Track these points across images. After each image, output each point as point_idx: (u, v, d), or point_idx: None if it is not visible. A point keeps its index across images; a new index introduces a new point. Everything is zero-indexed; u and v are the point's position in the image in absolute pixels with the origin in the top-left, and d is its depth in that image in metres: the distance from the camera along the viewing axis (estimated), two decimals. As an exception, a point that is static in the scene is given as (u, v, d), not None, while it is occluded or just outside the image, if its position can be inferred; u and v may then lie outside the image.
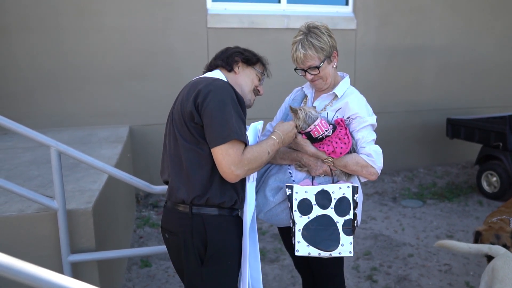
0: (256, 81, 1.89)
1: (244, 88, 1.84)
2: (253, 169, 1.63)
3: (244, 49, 1.89)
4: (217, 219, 1.66)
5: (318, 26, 1.91)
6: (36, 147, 3.90)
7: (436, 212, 4.67)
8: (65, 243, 2.22)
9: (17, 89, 4.71)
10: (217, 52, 1.92)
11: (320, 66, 1.89)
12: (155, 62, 4.98)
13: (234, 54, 1.83)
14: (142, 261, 3.56)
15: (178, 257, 1.74)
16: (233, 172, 1.55)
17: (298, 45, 1.89)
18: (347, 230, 1.77)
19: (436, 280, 3.29)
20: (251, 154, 1.60)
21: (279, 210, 1.92)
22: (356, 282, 3.28)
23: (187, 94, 1.64)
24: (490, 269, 2.27)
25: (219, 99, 1.56)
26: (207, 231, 1.64)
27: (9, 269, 0.88)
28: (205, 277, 1.65)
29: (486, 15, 6.27)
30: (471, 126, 5.16)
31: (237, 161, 1.54)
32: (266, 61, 1.96)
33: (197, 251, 1.65)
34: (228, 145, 1.54)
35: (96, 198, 2.45)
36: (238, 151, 1.55)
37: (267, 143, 1.70)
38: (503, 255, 2.29)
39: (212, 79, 1.69)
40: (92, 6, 4.76)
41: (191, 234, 1.64)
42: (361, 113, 1.88)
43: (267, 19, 5.33)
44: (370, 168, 1.84)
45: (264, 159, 1.65)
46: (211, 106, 1.55)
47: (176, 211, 1.69)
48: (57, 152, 2.15)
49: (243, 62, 1.85)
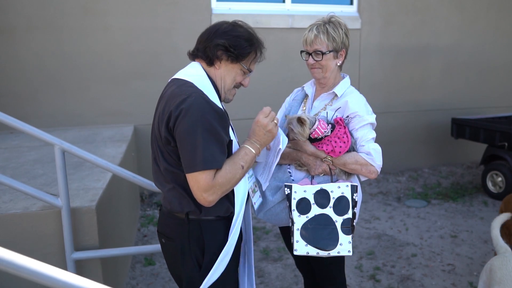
0: (240, 77, 1.68)
1: (225, 84, 1.66)
2: (228, 189, 1.55)
3: (236, 36, 1.61)
4: (214, 224, 1.63)
5: (339, 21, 1.95)
6: (41, 146, 3.94)
7: (440, 212, 4.65)
8: (69, 240, 2.25)
9: (23, 89, 4.76)
10: (206, 29, 1.66)
11: (325, 53, 1.90)
12: (159, 62, 5.00)
13: (216, 48, 1.59)
14: (146, 259, 3.58)
15: (174, 262, 1.70)
16: (206, 199, 1.49)
17: (314, 27, 1.92)
18: (346, 229, 1.77)
19: (440, 280, 3.28)
20: (223, 177, 1.50)
21: (279, 210, 1.93)
22: (359, 281, 3.28)
23: (162, 114, 1.54)
24: (488, 269, 2.26)
25: (188, 124, 1.45)
26: (204, 236, 1.60)
27: (13, 265, 0.90)
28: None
29: (492, 14, 6.23)
30: (476, 126, 5.13)
31: (207, 188, 1.47)
32: (262, 46, 1.70)
33: (195, 256, 1.61)
34: (197, 173, 1.47)
35: (100, 197, 2.47)
36: (207, 177, 1.47)
37: (238, 156, 1.58)
38: (501, 255, 2.27)
39: (186, 91, 1.52)
40: (97, 7, 4.80)
41: (188, 240, 1.61)
42: (360, 112, 1.89)
43: (271, 19, 5.34)
44: (369, 166, 1.84)
45: (238, 176, 1.55)
46: (180, 131, 1.47)
47: (172, 216, 1.64)
48: (61, 150, 2.17)
49: (227, 58, 1.62)
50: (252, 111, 5.54)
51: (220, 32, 1.60)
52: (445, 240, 3.96)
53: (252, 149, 1.61)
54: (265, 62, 5.75)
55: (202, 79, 1.61)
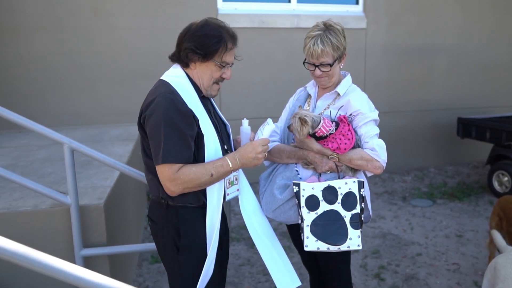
0: (217, 73, 1.74)
1: (203, 82, 1.76)
2: (190, 188, 1.64)
3: (203, 35, 1.67)
4: (190, 211, 1.74)
5: (336, 25, 1.94)
6: (50, 145, 3.98)
7: (446, 212, 4.65)
8: (77, 237, 2.28)
9: (29, 88, 4.81)
10: (181, 32, 1.74)
11: (332, 64, 1.91)
12: (165, 62, 4.98)
13: (186, 51, 1.69)
14: (153, 257, 3.61)
15: (157, 244, 1.85)
16: (169, 189, 1.63)
17: (317, 39, 1.89)
18: (354, 224, 1.79)
19: (444, 279, 3.29)
20: (186, 176, 1.61)
21: (287, 208, 1.95)
22: (363, 280, 3.29)
23: (140, 110, 1.69)
24: (492, 267, 2.27)
25: (154, 121, 1.60)
26: (179, 222, 1.73)
27: (25, 258, 0.93)
28: (182, 264, 1.74)
29: (498, 13, 6.22)
30: (483, 126, 5.12)
31: (169, 179, 1.61)
32: (232, 38, 1.73)
33: (173, 240, 1.74)
34: (160, 166, 1.62)
35: (107, 195, 2.51)
36: (169, 170, 1.60)
37: (213, 164, 1.68)
38: (506, 253, 2.29)
39: (157, 91, 1.65)
40: (103, 7, 4.84)
41: (166, 223, 1.75)
42: (363, 109, 1.91)
43: (277, 19, 5.36)
44: (374, 162, 1.86)
45: (203, 180, 1.64)
46: (148, 128, 1.63)
47: (156, 202, 1.79)
48: (70, 149, 2.21)
49: (197, 59, 1.70)
50: (258, 110, 5.59)
51: (188, 35, 1.69)
52: (450, 240, 3.96)
53: (231, 163, 1.70)
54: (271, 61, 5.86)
55: (180, 80, 1.72)
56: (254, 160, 1.74)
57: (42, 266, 0.88)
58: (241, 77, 5.14)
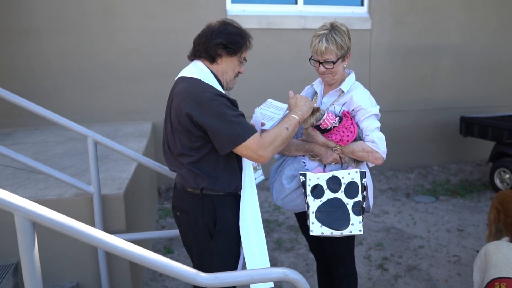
0: (237, 68, 1.93)
1: (225, 76, 1.91)
2: (277, 146, 1.80)
3: (230, 33, 1.85)
4: (224, 199, 1.87)
5: (341, 26, 2.10)
6: (66, 141, 4.17)
7: (448, 208, 4.78)
8: (99, 225, 2.45)
9: (48, 87, 5.00)
10: (201, 31, 1.90)
11: (335, 62, 2.07)
12: (176, 62, 5.16)
13: (217, 47, 1.84)
14: (165, 247, 3.78)
15: (188, 233, 1.94)
16: (262, 156, 1.75)
17: (323, 38, 2.05)
18: (356, 210, 1.95)
19: (445, 270, 3.43)
20: (269, 138, 1.77)
21: (295, 196, 2.11)
22: (367, 270, 3.44)
23: (179, 109, 1.76)
24: (482, 254, 2.40)
25: (214, 113, 1.70)
26: (216, 209, 1.85)
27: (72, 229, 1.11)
28: (214, 250, 1.87)
29: (502, 13, 6.33)
30: (484, 124, 5.25)
31: (259, 148, 1.73)
32: (250, 37, 1.94)
33: (207, 227, 1.85)
34: (245, 143, 1.72)
35: (126, 185, 2.68)
36: (255, 141, 1.73)
37: (284, 121, 1.86)
38: (495, 241, 2.43)
39: (199, 87, 1.75)
40: (119, 8, 5.03)
41: (201, 212, 1.85)
42: (364, 105, 2.06)
43: (284, 20, 5.51)
44: (375, 153, 2.02)
45: (284, 135, 1.81)
46: (209, 121, 1.70)
47: (187, 192, 1.87)
48: (93, 142, 2.38)
49: (226, 54, 1.87)
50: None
51: (216, 33, 1.85)
52: (451, 234, 4.10)
53: (295, 115, 1.89)
54: (278, 62, 6.07)
55: (207, 75, 1.86)
56: (307, 106, 1.94)
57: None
58: (250, 76, 5.30)
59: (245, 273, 1.40)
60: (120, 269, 2.64)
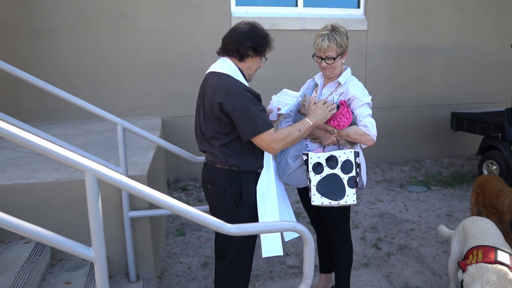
0: (259, 64, 2.31)
1: (249, 72, 2.27)
2: (287, 143, 2.17)
3: (259, 37, 2.19)
4: (249, 175, 2.24)
5: (340, 27, 2.46)
6: (84, 133, 4.50)
7: (439, 196, 5.13)
8: (126, 202, 2.79)
9: (63, 85, 5.30)
10: (231, 32, 2.22)
11: (335, 58, 2.42)
12: (184, 61, 5.56)
13: (247, 49, 2.18)
14: (178, 230, 4.12)
15: (216, 203, 2.27)
16: (273, 148, 2.12)
17: (325, 37, 2.41)
18: (351, 184, 2.29)
19: (433, 249, 3.77)
20: (282, 134, 2.13)
21: (298, 173, 2.46)
22: (362, 249, 3.79)
23: (213, 99, 2.09)
24: (461, 229, 2.75)
25: (242, 105, 2.04)
26: (242, 183, 2.20)
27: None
28: (240, 217, 2.21)
29: (492, 15, 6.69)
30: (473, 119, 5.61)
31: (273, 141, 2.10)
32: (271, 39, 2.30)
33: (234, 198, 2.21)
34: (261, 135, 2.07)
35: (148, 168, 3.02)
36: (269, 135, 2.08)
37: (298, 123, 2.23)
38: (470, 218, 2.78)
39: (230, 82, 2.09)
40: (130, 10, 5.37)
41: (229, 185, 2.20)
42: (359, 95, 2.42)
43: (285, 21, 5.86)
44: (367, 135, 2.37)
45: (295, 135, 2.18)
46: (237, 112, 2.05)
47: (217, 168, 2.21)
48: (122, 128, 2.73)
49: (254, 54, 2.22)
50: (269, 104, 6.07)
51: (247, 36, 2.17)
52: (441, 218, 4.45)
53: (310, 121, 2.25)
54: (280, 61, 6.56)
55: (235, 71, 2.20)
56: (323, 115, 2.29)
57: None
58: (255, 75, 5.65)
59: (261, 224, 1.75)
60: (143, 244, 2.97)
